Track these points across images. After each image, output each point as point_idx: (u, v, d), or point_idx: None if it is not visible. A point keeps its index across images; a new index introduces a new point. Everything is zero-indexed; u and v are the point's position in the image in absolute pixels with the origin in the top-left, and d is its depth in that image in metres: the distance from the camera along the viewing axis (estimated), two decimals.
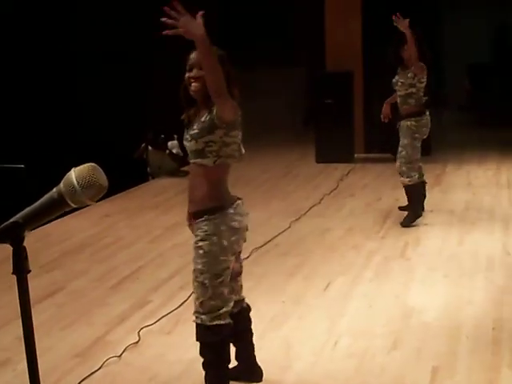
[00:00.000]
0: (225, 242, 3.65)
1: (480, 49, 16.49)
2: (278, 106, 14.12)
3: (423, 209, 7.75)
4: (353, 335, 4.82)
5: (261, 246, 6.77)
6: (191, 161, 3.76)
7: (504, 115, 14.55)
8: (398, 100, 7.51)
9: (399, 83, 7.45)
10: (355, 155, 11.37)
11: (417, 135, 7.40)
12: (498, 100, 15.51)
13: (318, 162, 11.21)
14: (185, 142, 3.79)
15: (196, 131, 3.64)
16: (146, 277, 6.19)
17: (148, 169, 10.73)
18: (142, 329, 4.93)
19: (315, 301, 5.47)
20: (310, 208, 8.28)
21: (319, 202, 8.57)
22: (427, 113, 7.50)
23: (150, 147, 10.76)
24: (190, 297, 5.08)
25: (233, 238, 3.67)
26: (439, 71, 14.02)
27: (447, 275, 5.98)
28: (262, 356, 4.17)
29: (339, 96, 11.14)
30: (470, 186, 9.39)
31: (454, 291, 5.63)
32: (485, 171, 10.26)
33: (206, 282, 3.67)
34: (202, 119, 3.62)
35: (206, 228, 3.65)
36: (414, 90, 7.38)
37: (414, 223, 7.45)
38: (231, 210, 3.67)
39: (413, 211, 7.53)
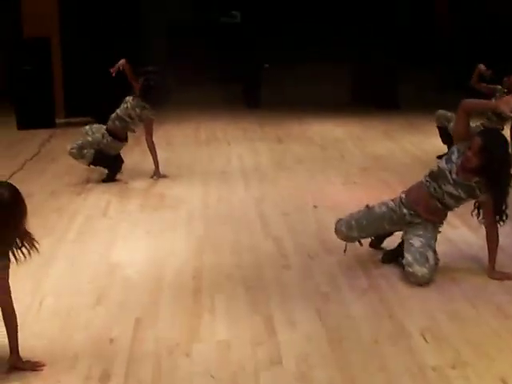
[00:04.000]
0: None
1: None
2: None
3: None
4: (57, 294, 4.85)
5: None
6: None
7: None
8: None
9: None
10: (56, 120, 11.26)
11: None
12: None
13: (19, 128, 10.95)
14: None
15: None
16: None
17: None
18: None
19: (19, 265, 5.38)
20: (12, 174, 8.05)
21: (21, 168, 8.40)
22: None
23: None
24: None
25: None
26: None
27: (149, 231, 6.16)
28: None
29: (37, 62, 10.95)
30: (170, 144, 9.70)
31: (155, 245, 5.83)
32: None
33: None
34: None
35: None
36: None
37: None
38: None
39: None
